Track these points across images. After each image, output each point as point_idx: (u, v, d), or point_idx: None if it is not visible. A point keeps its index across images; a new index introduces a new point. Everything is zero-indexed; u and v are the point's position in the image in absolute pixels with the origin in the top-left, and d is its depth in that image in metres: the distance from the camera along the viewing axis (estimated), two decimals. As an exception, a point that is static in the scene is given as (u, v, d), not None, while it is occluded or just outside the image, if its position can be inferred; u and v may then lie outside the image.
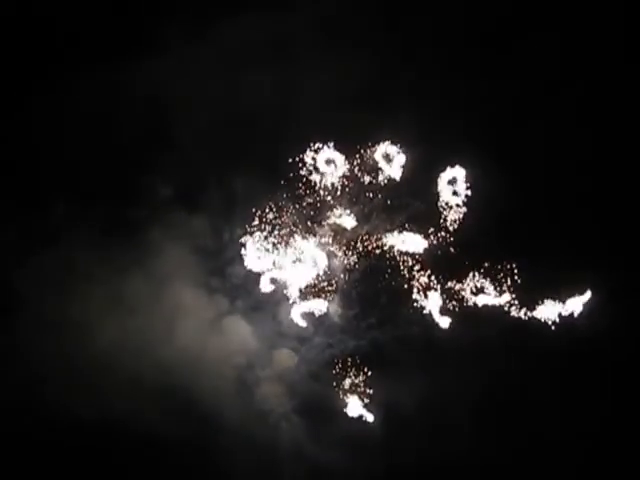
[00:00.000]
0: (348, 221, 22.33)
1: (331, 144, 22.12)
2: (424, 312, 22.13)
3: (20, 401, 21.24)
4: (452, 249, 22.26)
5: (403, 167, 22.24)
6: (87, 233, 21.96)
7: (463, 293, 22.07)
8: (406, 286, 22.30)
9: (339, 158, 22.26)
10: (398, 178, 22.34)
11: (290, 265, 22.09)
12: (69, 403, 21.10)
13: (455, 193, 22.27)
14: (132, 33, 22.77)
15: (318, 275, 22.26)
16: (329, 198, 22.33)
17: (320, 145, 22.11)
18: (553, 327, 21.77)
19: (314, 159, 22.18)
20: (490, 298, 22.02)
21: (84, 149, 22.55)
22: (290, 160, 22.24)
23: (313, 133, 22.19)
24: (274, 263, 22.03)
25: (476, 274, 22.06)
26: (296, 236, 22.12)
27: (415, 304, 22.21)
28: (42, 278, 21.73)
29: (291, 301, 22.01)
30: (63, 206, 22.15)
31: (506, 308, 21.94)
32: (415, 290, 22.29)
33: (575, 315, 21.71)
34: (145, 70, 22.60)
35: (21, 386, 21.24)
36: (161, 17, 22.81)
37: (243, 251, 21.90)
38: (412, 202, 22.46)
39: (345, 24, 23.00)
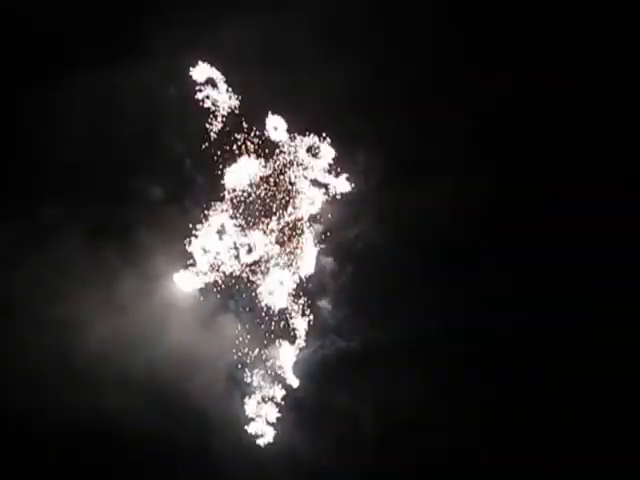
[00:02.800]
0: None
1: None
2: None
3: (10, 401, 21.03)
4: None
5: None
6: (77, 234, 21.81)
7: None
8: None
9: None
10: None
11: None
12: (60, 403, 20.87)
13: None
14: (123, 35, 22.74)
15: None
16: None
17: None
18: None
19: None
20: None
21: (73, 151, 22.43)
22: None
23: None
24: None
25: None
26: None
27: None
28: (32, 279, 21.49)
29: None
30: (53, 207, 22.01)
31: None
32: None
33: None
34: (134, 72, 22.51)
35: (11, 387, 21.02)
36: (153, 19, 22.86)
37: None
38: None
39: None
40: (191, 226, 22.12)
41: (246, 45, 23.00)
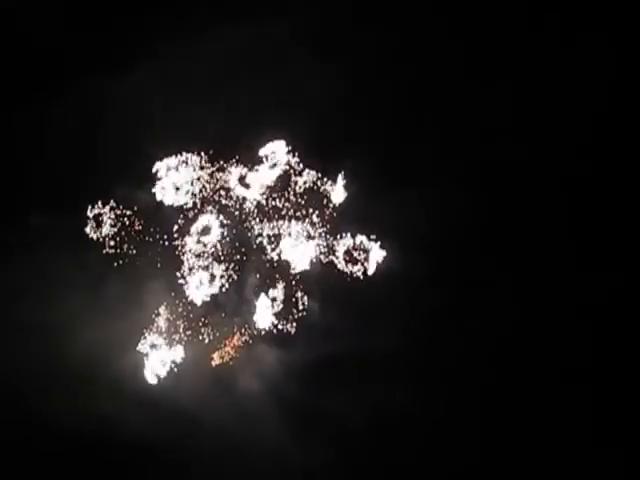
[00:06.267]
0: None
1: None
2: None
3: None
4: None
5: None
6: (62, 242, 22.01)
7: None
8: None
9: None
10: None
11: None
12: (49, 410, 20.96)
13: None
14: (108, 47, 23.24)
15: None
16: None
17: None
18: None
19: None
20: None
21: (58, 159, 22.84)
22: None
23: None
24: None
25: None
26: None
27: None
28: (19, 286, 21.72)
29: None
30: (38, 215, 22.26)
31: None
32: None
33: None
34: (119, 84, 23.01)
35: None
36: (137, 34, 23.32)
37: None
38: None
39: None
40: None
41: (232, 57, 23.53)
